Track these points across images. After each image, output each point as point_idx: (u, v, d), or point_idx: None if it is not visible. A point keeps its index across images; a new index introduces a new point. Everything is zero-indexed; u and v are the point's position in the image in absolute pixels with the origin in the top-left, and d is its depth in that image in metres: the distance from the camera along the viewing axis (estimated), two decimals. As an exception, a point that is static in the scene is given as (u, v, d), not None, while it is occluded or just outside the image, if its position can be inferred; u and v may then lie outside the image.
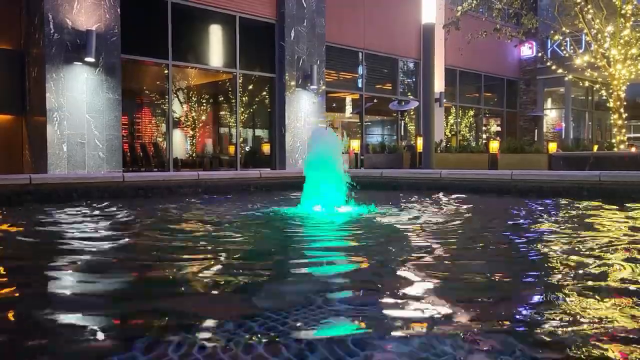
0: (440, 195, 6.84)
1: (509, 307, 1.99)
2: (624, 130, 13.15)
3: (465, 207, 5.62)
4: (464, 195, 6.65)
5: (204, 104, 14.54)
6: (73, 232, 3.98)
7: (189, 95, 14.08)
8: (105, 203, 5.81)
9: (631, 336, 1.58)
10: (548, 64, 14.87)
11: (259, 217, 4.82)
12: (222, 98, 14.35)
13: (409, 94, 16.57)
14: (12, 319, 1.89)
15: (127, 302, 2.12)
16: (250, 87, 12.67)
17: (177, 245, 3.46)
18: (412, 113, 17.08)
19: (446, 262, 2.86)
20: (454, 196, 6.62)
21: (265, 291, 2.26)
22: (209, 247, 3.37)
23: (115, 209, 5.43)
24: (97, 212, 5.18)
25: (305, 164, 5.06)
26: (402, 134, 17.33)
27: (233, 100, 12.21)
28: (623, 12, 12.31)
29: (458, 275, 2.55)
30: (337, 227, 4.22)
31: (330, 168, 4.90)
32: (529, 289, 2.31)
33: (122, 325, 1.85)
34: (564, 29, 13.70)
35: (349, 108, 17.75)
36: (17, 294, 2.25)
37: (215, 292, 2.27)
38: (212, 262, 2.82)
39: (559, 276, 2.41)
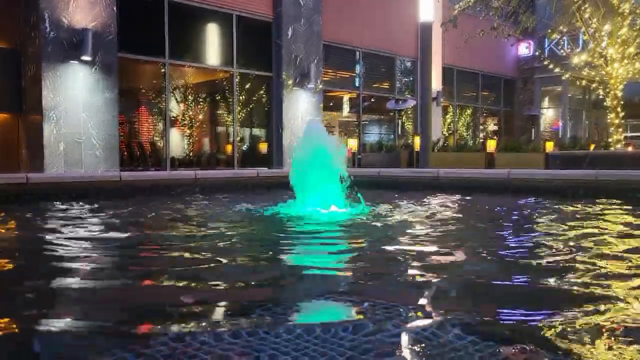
0: (439, 194, 6.83)
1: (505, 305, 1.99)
2: (621, 129, 13.18)
3: (464, 207, 5.61)
4: (462, 195, 6.65)
5: (202, 103, 14.50)
6: (68, 232, 3.97)
7: (186, 93, 14.04)
8: (102, 203, 5.80)
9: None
10: (545, 62, 14.88)
11: (252, 217, 4.81)
12: (219, 97, 14.32)
13: (407, 92, 16.57)
14: (7, 319, 1.88)
15: (117, 303, 2.12)
16: (248, 85, 12.66)
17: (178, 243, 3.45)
18: (409, 112, 17.09)
19: (442, 264, 2.86)
20: (453, 196, 6.61)
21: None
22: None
23: (110, 209, 5.41)
24: (93, 212, 5.16)
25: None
26: (400, 132, 17.33)
27: (230, 99, 12.19)
28: (620, 10, 12.32)
29: (451, 280, 2.54)
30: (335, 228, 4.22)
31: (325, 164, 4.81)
32: (524, 289, 2.31)
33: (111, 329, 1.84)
34: (561, 27, 13.70)
35: (346, 107, 17.75)
36: (11, 295, 2.24)
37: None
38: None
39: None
